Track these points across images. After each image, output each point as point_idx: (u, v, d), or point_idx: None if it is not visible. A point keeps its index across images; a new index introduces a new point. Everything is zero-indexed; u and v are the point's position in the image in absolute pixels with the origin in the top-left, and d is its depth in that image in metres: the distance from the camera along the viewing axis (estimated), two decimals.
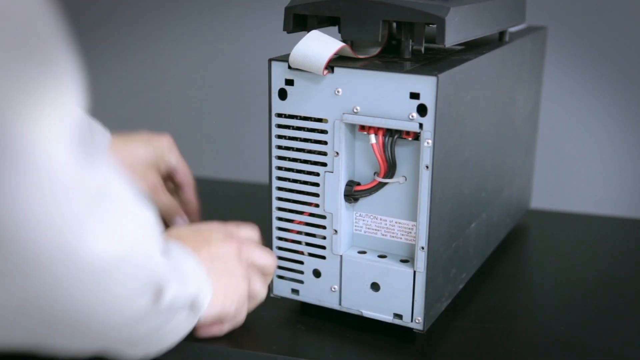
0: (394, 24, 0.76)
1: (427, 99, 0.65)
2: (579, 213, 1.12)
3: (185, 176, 0.87)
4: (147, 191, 0.81)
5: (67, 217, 0.43)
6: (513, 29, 0.91)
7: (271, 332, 0.76)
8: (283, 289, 0.77)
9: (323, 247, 0.74)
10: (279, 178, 0.74)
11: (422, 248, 0.69)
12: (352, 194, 0.72)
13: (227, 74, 1.47)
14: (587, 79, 1.28)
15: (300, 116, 0.72)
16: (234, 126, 1.49)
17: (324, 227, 0.73)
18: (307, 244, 0.75)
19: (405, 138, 0.69)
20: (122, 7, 1.50)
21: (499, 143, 0.85)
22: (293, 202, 0.74)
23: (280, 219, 0.75)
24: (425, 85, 0.65)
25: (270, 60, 0.72)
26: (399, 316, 0.72)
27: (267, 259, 0.73)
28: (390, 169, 0.70)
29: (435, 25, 0.68)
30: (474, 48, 0.78)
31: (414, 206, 0.71)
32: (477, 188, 0.80)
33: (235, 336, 0.74)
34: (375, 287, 0.73)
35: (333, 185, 0.72)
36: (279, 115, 0.72)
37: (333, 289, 0.75)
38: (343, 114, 0.69)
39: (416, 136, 0.68)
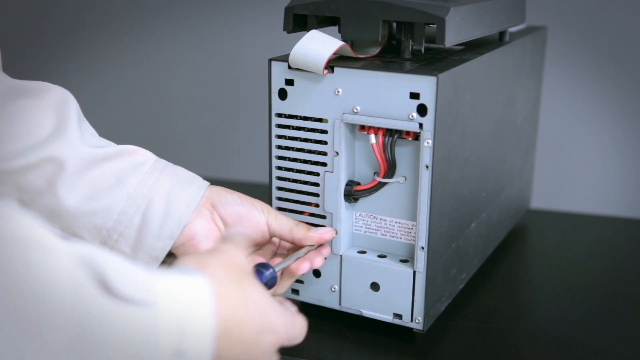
0: (394, 24, 0.76)
1: (427, 99, 0.65)
2: (579, 213, 1.12)
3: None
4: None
5: None
6: (513, 29, 0.91)
7: None
8: None
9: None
10: (279, 178, 0.74)
11: (422, 248, 0.69)
12: (352, 193, 0.72)
13: (227, 74, 1.47)
14: (587, 79, 1.28)
15: (300, 116, 0.72)
16: (234, 126, 1.49)
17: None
18: None
19: (405, 138, 0.69)
20: (122, 7, 1.50)
21: (499, 143, 0.85)
22: (293, 202, 0.74)
23: None
24: (425, 85, 0.65)
25: (270, 60, 0.72)
26: (399, 316, 0.72)
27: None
28: (390, 169, 0.70)
29: (435, 25, 0.68)
30: (474, 48, 0.78)
31: (413, 206, 0.71)
32: (477, 188, 0.80)
33: None
34: (375, 287, 0.73)
35: (333, 185, 0.72)
36: (279, 115, 0.72)
37: (333, 289, 0.75)
38: (343, 113, 0.69)
39: (416, 136, 0.68)
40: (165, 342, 0.46)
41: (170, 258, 0.68)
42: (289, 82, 0.71)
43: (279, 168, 0.74)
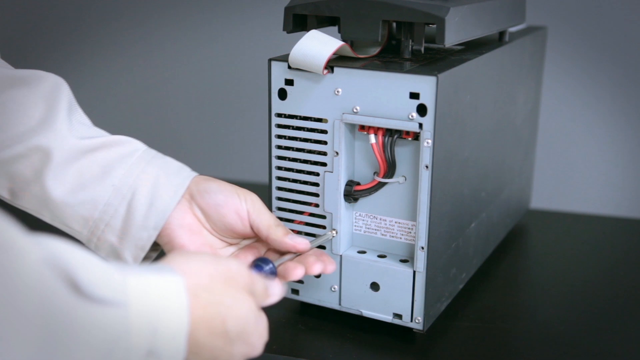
0: (394, 24, 0.76)
1: (427, 99, 0.65)
2: (579, 213, 1.12)
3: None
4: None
5: None
6: (513, 29, 0.91)
7: (271, 332, 0.76)
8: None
9: (323, 247, 0.74)
10: (279, 178, 0.74)
11: (422, 248, 0.69)
12: (352, 193, 0.72)
13: (227, 74, 1.47)
14: (587, 78, 1.28)
15: (300, 116, 0.72)
16: (234, 126, 1.49)
17: (324, 227, 0.73)
18: None
19: (405, 138, 0.69)
20: (122, 7, 1.50)
21: (499, 143, 0.85)
22: (293, 202, 0.74)
23: (280, 218, 0.75)
24: (425, 85, 0.65)
25: (270, 60, 0.72)
26: (399, 316, 0.72)
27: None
28: (390, 169, 0.70)
29: (435, 25, 0.68)
30: (474, 48, 0.78)
31: (413, 206, 0.71)
32: (477, 188, 0.80)
33: None
34: (374, 287, 0.73)
35: (333, 185, 0.72)
36: (279, 115, 0.72)
37: (333, 289, 0.75)
38: (343, 113, 0.69)
39: (416, 136, 0.68)
40: (137, 341, 0.46)
41: (157, 246, 0.69)
42: (289, 82, 0.71)
43: (279, 168, 0.74)
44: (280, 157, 0.74)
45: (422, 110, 0.66)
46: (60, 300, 0.42)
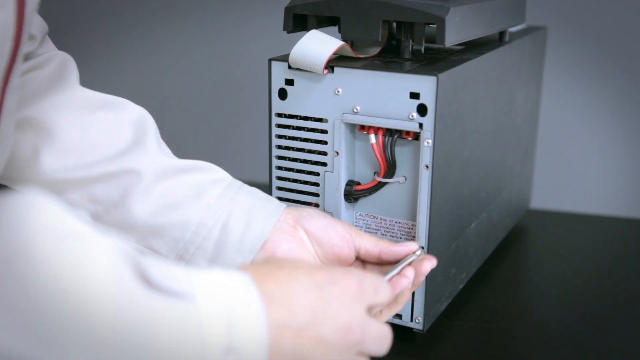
0: (394, 24, 0.76)
1: (427, 98, 0.65)
2: (579, 213, 1.12)
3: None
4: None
5: None
6: (513, 29, 0.91)
7: None
8: None
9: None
10: (279, 178, 0.74)
11: (422, 248, 0.69)
12: (352, 193, 0.72)
13: (227, 74, 1.47)
14: (586, 79, 1.28)
15: (300, 116, 0.72)
16: (234, 126, 1.50)
17: None
18: None
19: (405, 138, 0.69)
20: (122, 7, 1.50)
21: (499, 143, 0.85)
22: (293, 202, 0.74)
23: None
24: (425, 85, 0.65)
25: (270, 60, 0.72)
26: (399, 316, 0.72)
27: (380, 349, 0.53)
28: (390, 169, 0.70)
29: (435, 25, 0.68)
30: (474, 48, 0.78)
31: (413, 206, 0.71)
32: (477, 188, 0.80)
33: None
34: None
35: (333, 185, 0.72)
36: (279, 115, 0.72)
37: None
38: (343, 113, 0.69)
39: (416, 136, 0.68)
40: (212, 337, 0.43)
41: None
42: (289, 82, 0.71)
43: (279, 168, 0.74)
44: (280, 157, 0.74)
45: (422, 110, 0.66)
46: (134, 292, 0.41)
